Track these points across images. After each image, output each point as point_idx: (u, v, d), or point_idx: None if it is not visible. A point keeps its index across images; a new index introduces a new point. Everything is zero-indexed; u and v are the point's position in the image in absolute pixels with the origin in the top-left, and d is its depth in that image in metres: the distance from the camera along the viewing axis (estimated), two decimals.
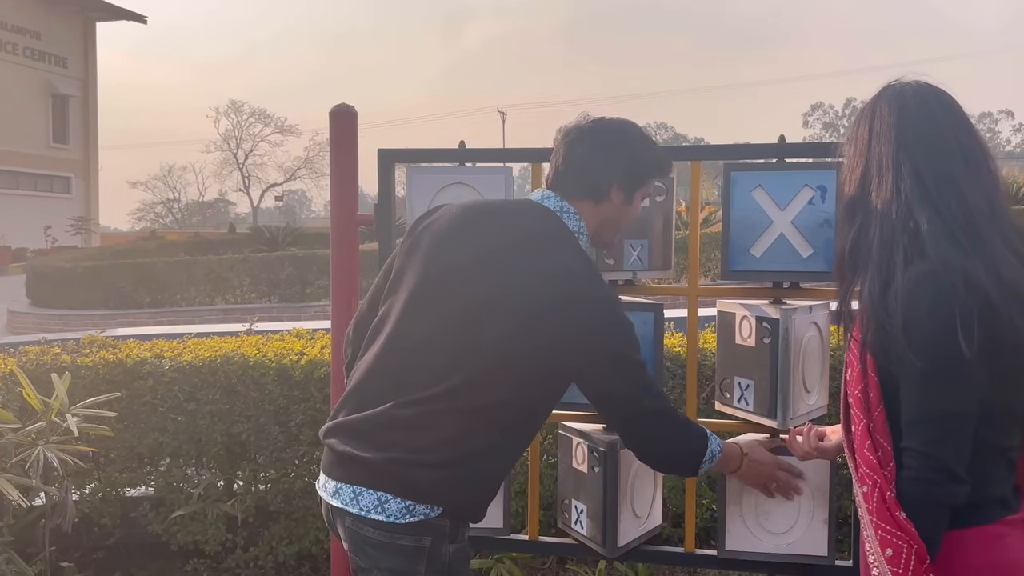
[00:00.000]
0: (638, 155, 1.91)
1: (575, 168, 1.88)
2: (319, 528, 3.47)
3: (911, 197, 1.50)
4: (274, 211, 59.79)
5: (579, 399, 2.28)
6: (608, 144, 1.89)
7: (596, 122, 1.91)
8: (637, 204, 1.95)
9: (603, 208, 1.89)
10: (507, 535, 2.39)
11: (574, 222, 1.86)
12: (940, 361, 1.43)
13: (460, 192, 2.33)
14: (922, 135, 1.54)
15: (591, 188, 1.88)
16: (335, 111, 2.40)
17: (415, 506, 1.72)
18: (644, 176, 1.93)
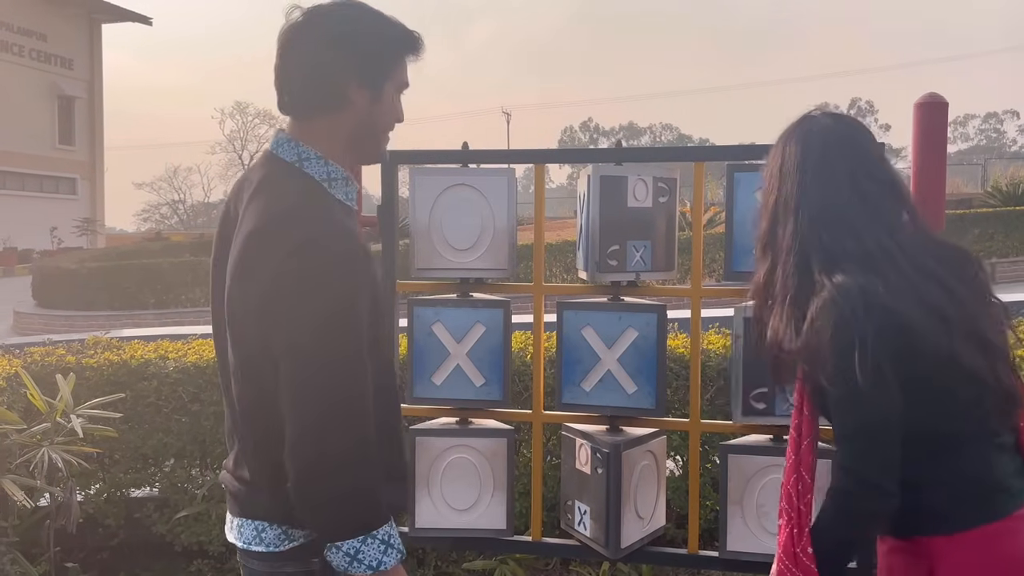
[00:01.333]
0: (371, 36, 1.56)
1: (296, 80, 1.55)
2: None
3: (807, 240, 1.60)
4: None
5: (581, 400, 2.29)
6: (328, 36, 1.53)
7: (308, 13, 1.55)
8: (392, 98, 1.61)
9: (347, 117, 1.56)
10: (510, 536, 2.39)
11: (318, 167, 1.56)
12: (847, 383, 1.50)
13: (463, 193, 2.33)
14: (820, 177, 1.63)
15: (323, 98, 1.55)
16: None
17: (291, 530, 1.57)
18: (388, 60, 1.58)
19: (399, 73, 1.61)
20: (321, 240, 1.45)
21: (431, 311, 2.37)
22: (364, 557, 1.44)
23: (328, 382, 1.42)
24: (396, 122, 1.65)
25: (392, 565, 1.47)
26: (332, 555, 1.45)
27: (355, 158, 1.65)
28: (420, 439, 2.37)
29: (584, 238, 2.29)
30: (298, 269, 1.43)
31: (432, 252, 2.35)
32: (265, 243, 1.46)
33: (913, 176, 2.14)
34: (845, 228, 1.59)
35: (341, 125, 1.57)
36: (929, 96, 2.10)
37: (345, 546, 1.43)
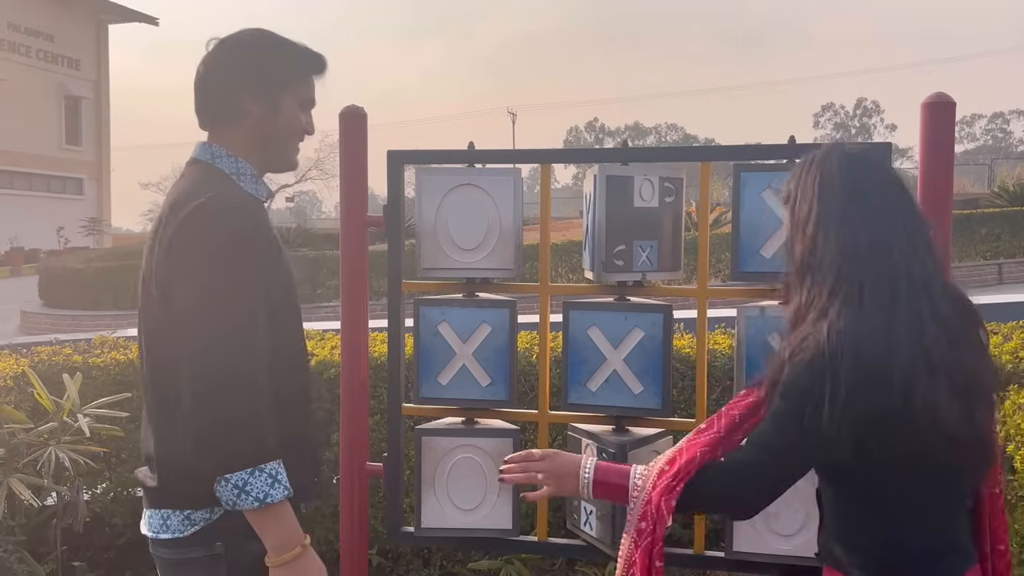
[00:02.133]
0: (263, 54, 1.76)
1: (204, 95, 1.77)
2: (328, 528, 3.48)
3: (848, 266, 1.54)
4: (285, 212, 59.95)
5: (586, 400, 2.29)
6: (228, 56, 1.76)
7: (218, 42, 1.78)
8: (290, 108, 1.80)
9: (247, 127, 1.76)
10: (516, 536, 2.39)
11: (228, 163, 1.75)
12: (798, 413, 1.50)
13: (469, 193, 2.34)
14: (868, 206, 1.57)
15: (224, 110, 1.75)
16: (345, 112, 2.41)
17: (192, 513, 1.66)
18: (280, 74, 1.77)
19: (300, 89, 1.80)
20: (218, 214, 1.60)
21: (437, 311, 2.37)
22: (251, 489, 1.52)
23: (221, 335, 1.54)
24: (301, 133, 1.83)
25: (278, 499, 1.55)
26: (222, 490, 1.53)
27: (263, 165, 1.81)
28: (426, 439, 2.37)
29: (590, 238, 2.29)
30: (192, 238, 1.59)
31: (438, 252, 2.35)
32: (170, 219, 1.62)
33: (920, 176, 2.13)
34: (887, 259, 1.54)
35: (242, 133, 1.76)
36: (936, 96, 2.10)
37: (234, 478, 1.51)
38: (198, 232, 1.58)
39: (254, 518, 1.57)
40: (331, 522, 3.46)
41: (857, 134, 79.57)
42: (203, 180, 1.70)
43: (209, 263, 1.56)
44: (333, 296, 15.68)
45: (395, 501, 2.42)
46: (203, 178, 1.70)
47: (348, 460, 2.46)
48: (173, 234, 1.60)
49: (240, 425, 1.53)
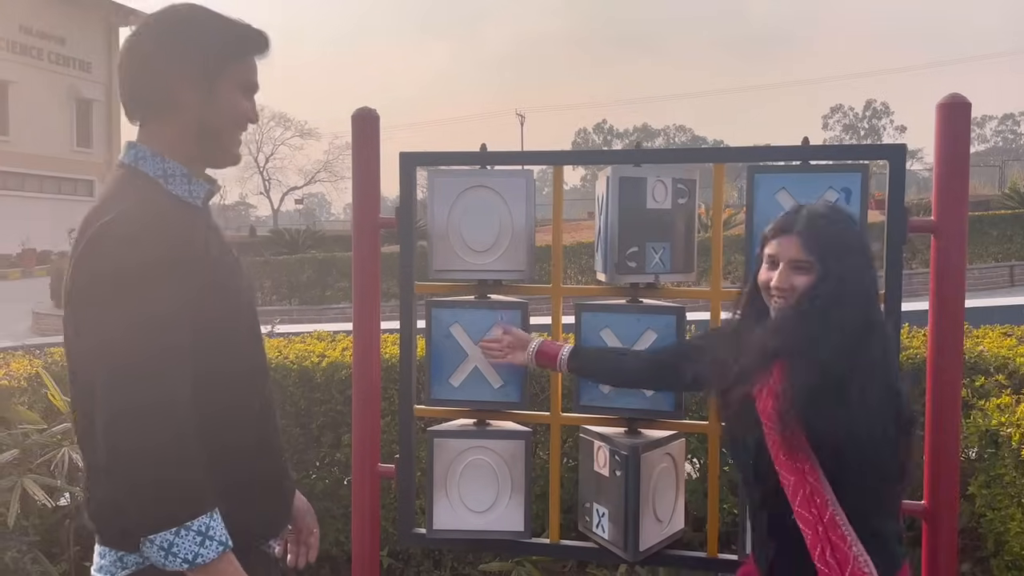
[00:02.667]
0: (200, 37, 1.53)
1: (131, 84, 1.55)
2: (339, 530, 3.48)
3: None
4: (294, 214, 60.18)
5: (599, 402, 2.29)
6: (157, 38, 1.53)
7: (142, 20, 1.57)
8: (230, 94, 1.57)
9: (182, 119, 1.54)
10: (528, 538, 2.38)
11: (154, 165, 1.53)
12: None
13: (481, 195, 2.33)
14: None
15: (153, 101, 1.53)
16: (357, 114, 2.41)
17: (125, 556, 1.50)
18: (221, 59, 1.54)
19: (239, 73, 1.57)
20: (124, 237, 1.40)
21: (449, 312, 2.37)
22: (178, 550, 1.36)
23: (128, 380, 1.36)
24: (244, 122, 1.61)
25: (211, 558, 1.38)
26: (147, 550, 1.38)
27: (203, 160, 1.60)
28: (438, 440, 2.37)
29: (603, 240, 2.28)
30: (97, 266, 1.40)
31: (450, 254, 2.35)
32: (79, 238, 1.45)
33: (936, 178, 2.12)
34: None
35: (174, 127, 1.54)
36: (951, 97, 2.09)
37: (158, 539, 1.36)
38: (103, 259, 1.39)
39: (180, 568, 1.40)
40: (342, 523, 3.46)
41: (866, 135, 79.26)
42: (120, 189, 1.50)
43: (114, 296, 1.37)
44: (343, 298, 15.72)
45: (407, 502, 2.42)
46: (121, 186, 1.50)
47: (360, 461, 2.46)
48: (79, 257, 1.43)
49: (160, 482, 1.36)
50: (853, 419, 1.61)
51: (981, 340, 3.48)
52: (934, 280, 2.12)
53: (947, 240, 2.10)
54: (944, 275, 2.11)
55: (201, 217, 1.57)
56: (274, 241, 22.03)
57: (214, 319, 1.49)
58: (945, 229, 2.10)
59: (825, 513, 1.65)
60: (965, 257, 2.14)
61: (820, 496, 1.65)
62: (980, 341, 3.45)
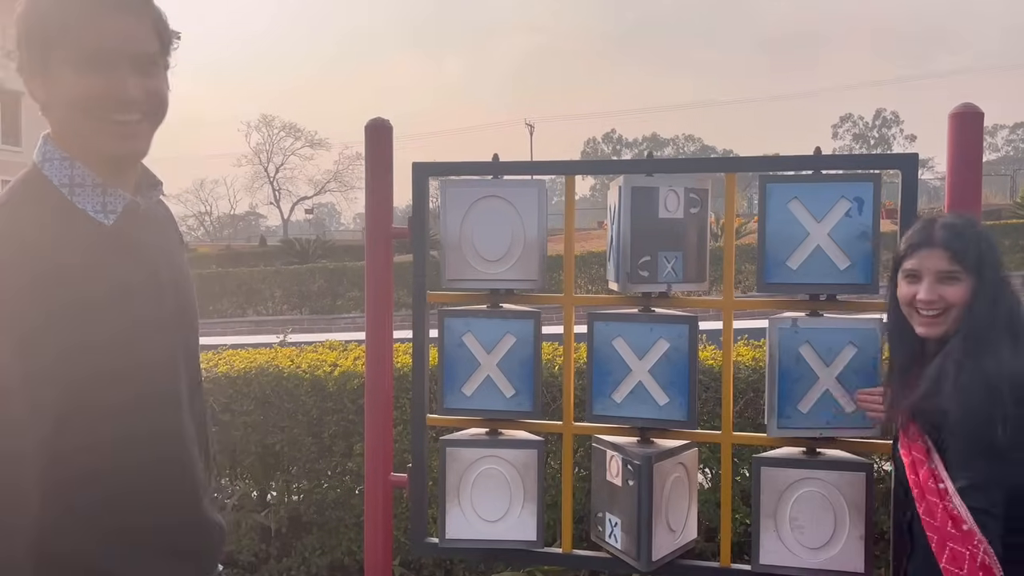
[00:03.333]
0: (27, 24, 1.30)
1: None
2: (351, 539, 3.49)
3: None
4: (304, 224, 60.42)
5: (611, 412, 2.29)
6: (15, 35, 1.33)
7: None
8: (62, 76, 1.29)
9: (51, 120, 1.34)
10: (540, 548, 2.38)
11: (60, 169, 1.32)
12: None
13: (493, 205, 2.34)
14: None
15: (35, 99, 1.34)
16: (371, 125, 2.43)
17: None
18: (44, 36, 1.29)
19: (70, 46, 1.28)
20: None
21: (461, 322, 2.37)
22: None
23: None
24: (93, 103, 1.30)
25: None
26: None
27: (101, 165, 1.34)
28: (450, 450, 2.38)
29: (615, 249, 2.29)
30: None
31: (463, 263, 2.36)
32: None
33: (948, 187, 2.12)
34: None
35: (55, 134, 1.34)
36: (964, 106, 2.09)
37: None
38: None
39: None
40: (354, 533, 3.47)
41: (876, 145, 79.08)
42: (9, 198, 1.28)
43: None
44: (353, 307, 15.76)
45: (419, 512, 2.43)
46: (14, 194, 1.29)
47: (372, 471, 2.46)
48: None
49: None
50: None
51: None
52: None
53: None
54: None
55: (113, 234, 1.34)
56: (284, 251, 22.13)
57: (89, 345, 1.25)
58: None
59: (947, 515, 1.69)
60: None
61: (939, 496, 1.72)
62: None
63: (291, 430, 3.52)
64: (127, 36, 1.31)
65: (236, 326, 15.64)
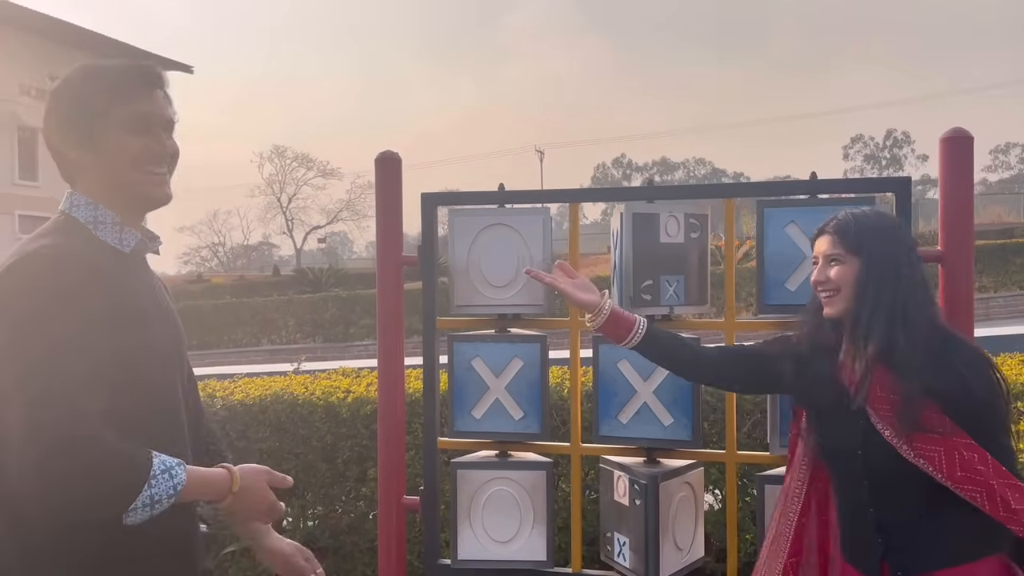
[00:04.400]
0: (76, 94, 1.55)
1: (52, 154, 1.60)
2: (366, 564, 3.53)
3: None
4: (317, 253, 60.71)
5: (618, 433, 2.34)
6: (48, 109, 1.59)
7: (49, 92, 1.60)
8: (115, 139, 1.54)
9: (91, 178, 1.56)
10: (551, 568, 2.42)
11: (87, 211, 1.55)
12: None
13: (500, 233, 2.41)
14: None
15: (64, 168, 1.58)
16: (381, 158, 2.51)
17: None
18: (92, 108, 1.54)
19: (122, 112, 1.54)
20: (34, 270, 1.40)
21: (470, 346, 2.44)
22: (159, 494, 1.38)
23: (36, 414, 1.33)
24: (142, 161, 1.57)
25: (183, 476, 1.42)
26: (135, 517, 1.38)
27: (132, 209, 1.59)
28: (461, 472, 2.43)
29: (618, 273, 2.35)
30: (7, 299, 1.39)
31: (471, 289, 2.43)
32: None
33: (941, 209, 2.18)
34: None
35: (90, 185, 1.56)
36: (954, 131, 2.15)
37: (139, 509, 1.37)
38: (8, 292, 1.39)
39: (185, 500, 1.45)
40: (368, 556, 3.51)
41: (887, 166, 78.95)
42: (47, 230, 1.53)
43: (18, 331, 1.37)
44: (366, 335, 15.82)
45: (432, 534, 2.48)
46: (49, 229, 1.53)
47: (385, 494, 2.52)
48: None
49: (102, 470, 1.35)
50: (961, 372, 1.75)
51: (1000, 368, 3.49)
52: (944, 307, 2.17)
53: (954, 269, 2.15)
54: (953, 303, 2.16)
55: (130, 264, 1.57)
56: (298, 280, 22.27)
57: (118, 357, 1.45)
58: (952, 258, 2.15)
59: (992, 465, 1.71)
60: (972, 285, 2.19)
61: (979, 451, 1.71)
62: (999, 369, 3.46)
63: (305, 456, 3.58)
64: (160, 105, 1.61)
65: (251, 355, 15.75)
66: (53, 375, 1.35)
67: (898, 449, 1.77)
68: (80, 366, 1.38)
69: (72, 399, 1.35)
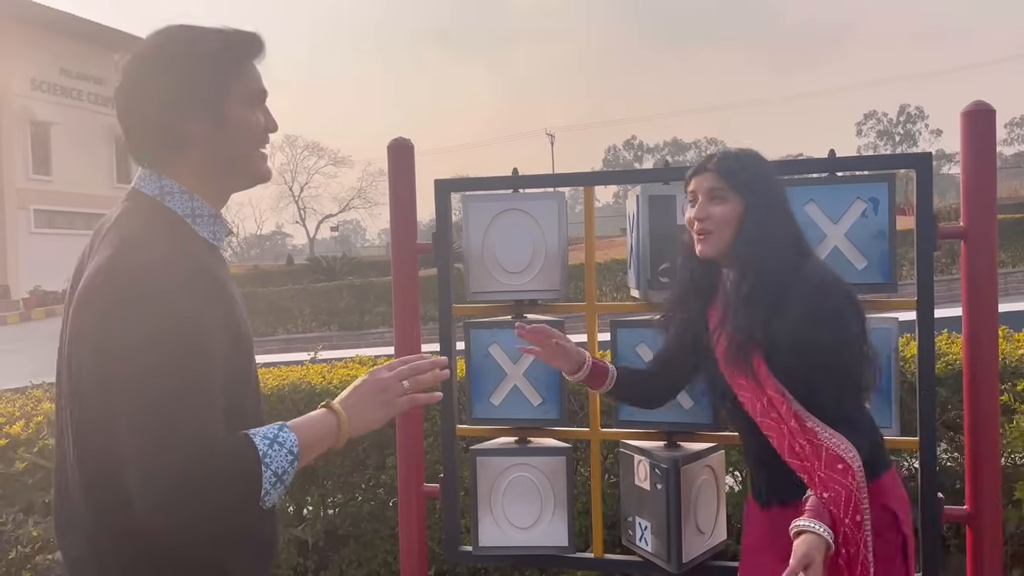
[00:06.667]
0: (192, 59, 1.42)
1: (134, 126, 1.45)
2: (387, 551, 3.54)
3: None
4: (330, 241, 60.89)
5: (638, 417, 2.32)
6: (152, 76, 1.42)
7: (128, 60, 1.44)
8: (241, 116, 1.46)
9: (196, 154, 1.45)
10: (572, 553, 2.42)
11: (183, 203, 1.45)
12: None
13: (515, 218, 2.40)
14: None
15: (161, 139, 1.43)
16: (393, 145, 2.49)
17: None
18: (218, 78, 1.43)
19: (243, 86, 1.46)
20: (160, 271, 1.31)
21: (487, 333, 2.43)
22: (279, 467, 1.32)
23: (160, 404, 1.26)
24: (263, 136, 1.51)
25: (293, 438, 1.35)
26: (269, 500, 1.33)
27: (229, 187, 1.52)
28: (480, 459, 2.42)
29: (634, 257, 2.33)
30: (132, 299, 1.29)
31: (486, 276, 2.41)
32: (109, 274, 1.32)
33: (963, 184, 2.14)
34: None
35: (195, 160, 1.45)
36: (975, 104, 2.11)
37: (267, 486, 1.30)
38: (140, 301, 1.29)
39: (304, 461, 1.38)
40: (389, 544, 3.52)
41: (901, 141, 78.22)
42: (148, 222, 1.41)
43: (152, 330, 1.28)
44: (381, 322, 15.86)
45: (452, 521, 2.48)
46: (148, 220, 1.42)
47: (405, 482, 2.52)
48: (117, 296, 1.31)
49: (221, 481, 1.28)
50: (790, 323, 1.75)
51: (1023, 344, 3.46)
52: (966, 285, 2.14)
53: (977, 245, 2.12)
54: (976, 280, 2.13)
55: (217, 257, 1.51)
56: (311, 269, 22.31)
57: (230, 354, 1.41)
58: (975, 234, 2.12)
59: (786, 412, 1.76)
60: (996, 261, 2.15)
61: (778, 399, 1.78)
62: (1022, 345, 3.43)
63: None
64: (260, 77, 1.52)
65: (267, 345, 15.81)
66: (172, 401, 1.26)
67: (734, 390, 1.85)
68: (201, 378, 1.30)
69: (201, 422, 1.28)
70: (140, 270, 1.31)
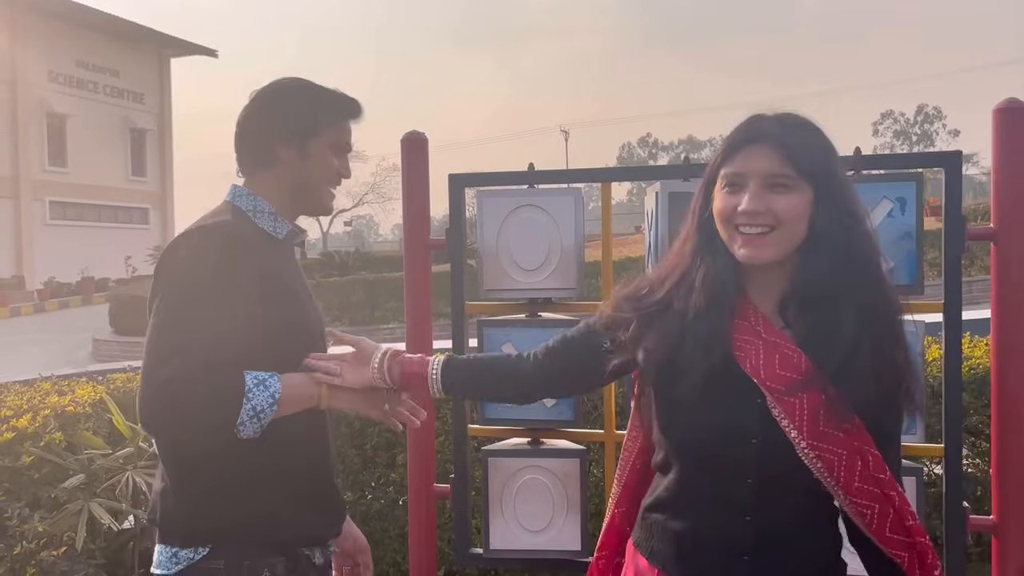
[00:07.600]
0: (295, 101, 1.76)
1: (239, 141, 1.78)
2: (396, 550, 3.50)
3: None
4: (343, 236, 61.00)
5: None
6: (263, 105, 1.77)
7: (259, 90, 1.80)
8: (322, 154, 1.77)
9: (280, 172, 1.75)
10: (585, 557, 2.37)
11: (247, 201, 1.75)
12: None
13: (530, 214, 2.35)
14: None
15: (256, 156, 1.76)
16: (407, 138, 2.44)
17: (179, 551, 1.62)
18: (314, 121, 1.75)
19: (332, 134, 1.77)
20: (202, 237, 1.62)
21: (501, 331, 2.38)
22: (259, 406, 1.55)
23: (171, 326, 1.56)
24: (336, 178, 1.81)
25: (278, 385, 1.58)
26: (245, 430, 1.54)
27: (297, 209, 1.80)
28: (492, 460, 2.38)
29: (653, 254, 2.28)
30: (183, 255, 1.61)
31: (500, 273, 2.36)
32: (176, 239, 1.66)
33: (994, 184, 2.08)
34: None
35: (275, 178, 1.75)
36: (1008, 102, 2.05)
37: (245, 418, 1.53)
38: (175, 261, 1.61)
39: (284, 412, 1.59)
40: (398, 544, 3.48)
41: (918, 141, 77.73)
42: (212, 213, 1.74)
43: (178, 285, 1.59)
44: (392, 318, 15.85)
45: (463, 522, 2.43)
46: (214, 211, 1.75)
47: (415, 482, 2.47)
48: (160, 260, 1.65)
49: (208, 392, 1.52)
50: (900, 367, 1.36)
51: None
52: (996, 288, 2.08)
53: (1008, 247, 2.05)
54: (1006, 282, 2.06)
55: (280, 249, 1.77)
56: (324, 263, 22.31)
57: (271, 333, 1.64)
58: (1006, 235, 2.05)
59: (888, 479, 1.37)
60: None
61: (877, 459, 1.36)
62: None
63: (334, 442, 3.54)
64: (351, 135, 1.84)
65: None
66: (183, 328, 1.54)
67: (795, 445, 1.35)
68: (214, 325, 1.54)
69: (202, 352, 1.52)
70: (191, 231, 1.64)
